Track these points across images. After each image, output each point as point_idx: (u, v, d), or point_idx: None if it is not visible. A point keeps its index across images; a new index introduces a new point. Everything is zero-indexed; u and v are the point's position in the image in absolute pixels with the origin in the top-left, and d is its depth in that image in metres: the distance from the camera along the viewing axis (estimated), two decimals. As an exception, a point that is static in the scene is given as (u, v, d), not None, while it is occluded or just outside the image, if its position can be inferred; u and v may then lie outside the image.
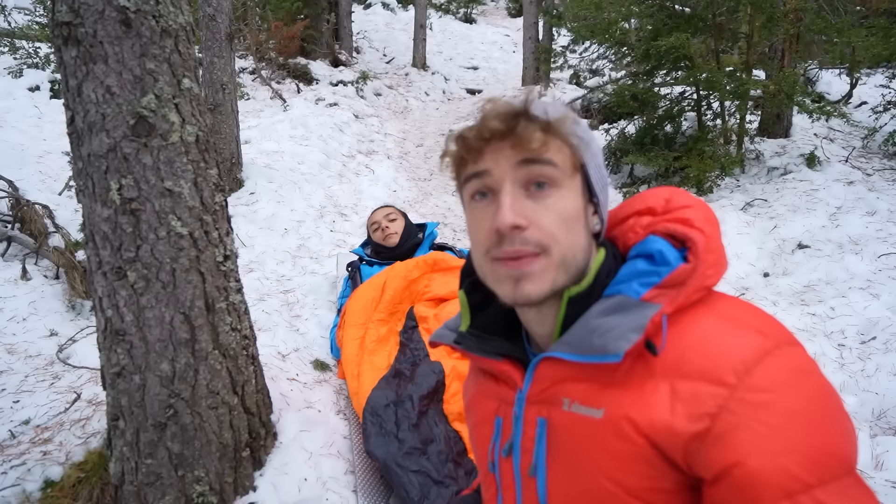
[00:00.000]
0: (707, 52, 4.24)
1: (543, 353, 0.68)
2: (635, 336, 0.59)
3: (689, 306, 0.63)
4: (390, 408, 1.75)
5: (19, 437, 1.70)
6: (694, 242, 0.63)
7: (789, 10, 3.92)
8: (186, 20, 1.35)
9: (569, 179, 0.66)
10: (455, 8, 15.79)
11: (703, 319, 0.62)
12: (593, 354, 0.61)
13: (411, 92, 9.54)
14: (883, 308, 2.41)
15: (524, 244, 0.63)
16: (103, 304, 1.35)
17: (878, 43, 3.85)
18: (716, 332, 0.60)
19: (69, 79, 1.25)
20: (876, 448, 1.83)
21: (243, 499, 1.55)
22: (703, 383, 0.57)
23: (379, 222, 2.69)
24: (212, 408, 1.47)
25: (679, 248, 0.65)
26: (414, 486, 1.52)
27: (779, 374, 0.56)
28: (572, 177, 0.66)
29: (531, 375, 0.70)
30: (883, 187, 3.45)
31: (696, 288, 0.62)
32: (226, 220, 1.50)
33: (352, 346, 2.07)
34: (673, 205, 0.69)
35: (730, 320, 0.61)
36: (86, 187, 1.30)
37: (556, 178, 0.64)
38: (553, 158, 0.64)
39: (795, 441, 0.53)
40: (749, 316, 0.62)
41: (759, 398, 0.54)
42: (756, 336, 0.59)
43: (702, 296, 0.64)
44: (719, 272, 0.65)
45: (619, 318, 0.61)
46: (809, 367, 0.59)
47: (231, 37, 4.00)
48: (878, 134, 4.18)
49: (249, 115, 6.57)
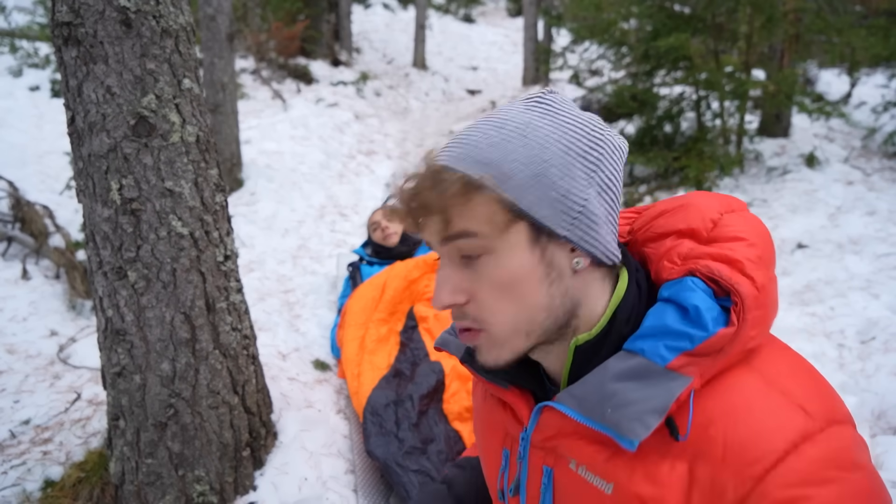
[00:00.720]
0: (706, 52, 4.24)
1: (546, 402, 0.59)
2: (654, 421, 0.49)
3: (724, 369, 0.52)
4: (390, 407, 1.75)
5: (19, 437, 1.70)
6: (741, 297, 0.51)
7: (789, 11, 3.92)
8: (187, 20, 1.35)
9: (500, 240, 0.52)
10: (455, 8, 15.80)
11: (737, 386, 0.51)
12: (605, 426, 0.52)
13: (411, 92, 9.55)
14: (883, 308, 2.41)
15: (464, 318, 0.56)
16: (104, 304, 1.35)
17: (878, 43, 3.85)
18: (749, 405, 0.49)
19: (69, 79, 1.25)
20: (876, 448, 1.84)
21: (244, 498, 1.55)
22: (726, 471, 0.47)
23: (378, 222, 2.69)
24: (212, 407, 1.47)
25: (721, 297, 0.53)
26: (414, 485, 1.52)
27: (814, 467, 0.46)
28: (506, 233, 0.52)
29: (535, 420, 0.61)
30: (882, 187, 3.45)
31: (735, 353, 0.51)
32: (226, 220, 1.50)
33: (352, 345, 2.07)
34: (721, 233, 0.56)
35: (769, 390, 0.50)
36: (86, 187, 1.30)
37: (481, 246, 0.53)
38: (470, 228, 0.52)
39: None
40: (795, 383, 0.51)
41: (787, 495, 0.45)
42: (798, 415, 0.48)
43: (741, 357, 0.52)
44: (767, 328, 0.54)
45: (639, 390, 0.51)
46: (855, 455, 0.48)
47: (231, 37, 4.00)
48: (878, 134, 4.18)
49: (249, 115, 6.58)
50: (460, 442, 1.69)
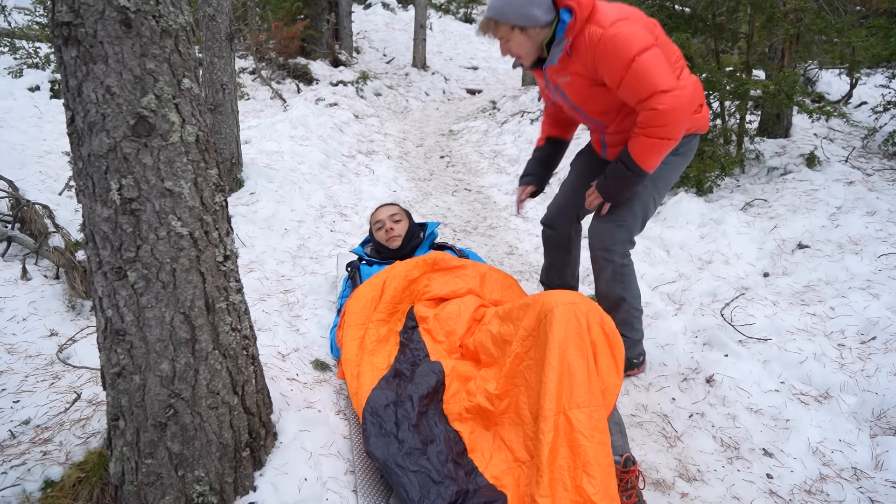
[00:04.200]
0: (707, 52, 4.24)
1: (545, 64, 2.01)
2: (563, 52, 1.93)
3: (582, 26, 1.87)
4: (390, 408, 1.75)
5: (19, 437, 1.70)
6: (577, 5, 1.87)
7: (789, 11, 3.92)
8: (186, 20, 1.35)
9: (511, 34, 2.07)
10: (455, 8, 15.79)
11: None
12: (558, 62, 1.97)
13: (411, 92, 9.54)
14: (883, 308, 2.41)
15: (508, 53, 2.09)
16: (103, 304, 1.35)
17: (878, 43, 3.85)
18: None
19: (69, 79, 1.25)
20: (876, 448, 1.84)
21: (243, 499, 1.55)
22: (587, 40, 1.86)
23: (383, 221, 2.68)
24: (212, 408, 1.47)
25: None
26: (414, 486, 1.52)
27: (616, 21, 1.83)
28: (511, 32, 2.07)
29: (545, 72, 2.05)
30: (883, 187, 3.45)
31: (580, 20, 1.84)
32: (226, 221, 1.50)
33: (351, 346, 2.07)
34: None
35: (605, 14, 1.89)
36: (86, 187, 1.30)
37: (507, 38, 2.10)
38: (501, 34, 2.02)
39: None
40: (614, 8, 1.88)
41: (607, 32, 1.81)
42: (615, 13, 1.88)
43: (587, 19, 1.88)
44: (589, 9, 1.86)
45: (560, 45, 1.90)
46: (632, 22, 1.87)
47: (231, 37, 4.00)
48: (878, 134, 4.18)
49: (249, 115, 6.57)
50: (460, 442, 1.68)
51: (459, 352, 2.01)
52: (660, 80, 1.77)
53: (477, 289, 2.27)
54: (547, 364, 1.53)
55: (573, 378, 1.50)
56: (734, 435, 1.98)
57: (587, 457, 1.40)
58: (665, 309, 2.75)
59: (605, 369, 1.59)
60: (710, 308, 2.73)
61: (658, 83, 1.77)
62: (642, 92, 1.78)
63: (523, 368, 1.66)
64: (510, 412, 1.66)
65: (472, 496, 1.51)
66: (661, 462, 1.89)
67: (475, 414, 1.73)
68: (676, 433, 2.03)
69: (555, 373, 1.51)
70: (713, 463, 1.88)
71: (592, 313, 1.63)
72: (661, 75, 1.77)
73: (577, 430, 1.43)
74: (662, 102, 1.77)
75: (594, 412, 1.47)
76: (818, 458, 1.85)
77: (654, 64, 1.77)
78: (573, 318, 1.59)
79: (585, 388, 1.49)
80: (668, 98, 1.77)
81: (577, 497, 1.37)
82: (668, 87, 1.78)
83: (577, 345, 1.55)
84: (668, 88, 1.78)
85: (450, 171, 5.87)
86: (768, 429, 1.99)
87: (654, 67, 1.77)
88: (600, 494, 1.36)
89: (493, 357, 1.83)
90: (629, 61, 1.76)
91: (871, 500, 1.68)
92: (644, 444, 1.98)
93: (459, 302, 2.16)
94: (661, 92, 1.77)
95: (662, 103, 1.77)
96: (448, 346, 2.02)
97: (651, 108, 1.79)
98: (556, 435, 1.45)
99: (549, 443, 1.44)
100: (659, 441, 2.00)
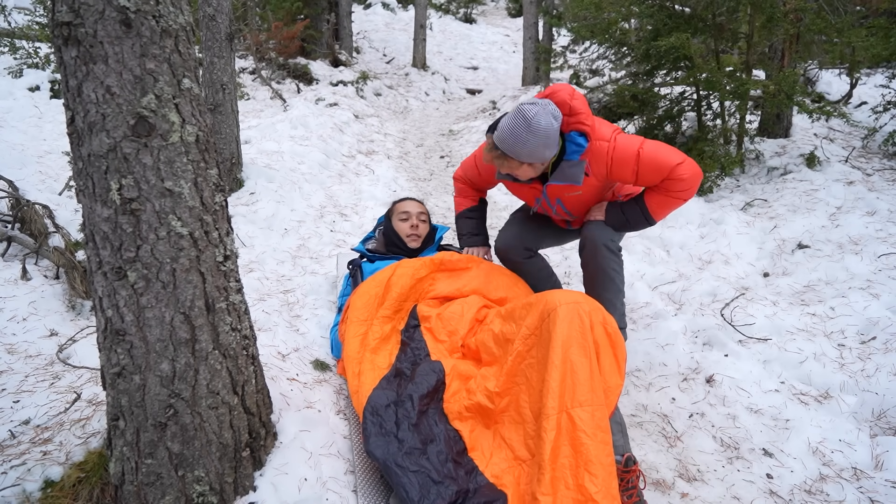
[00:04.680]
0: (707, 52, 4.24)
1: (548, 182, 2.12)
2: (582, 175, 2.07)
3: None
4: (390, 408, 1.75)
5: (19, 437, 1.70)
6: (590, 132, 2.02)
7: (789, 10, 3.92)
8: (186, 20, 1.35)
9: (519, 168, 2.12)
10: (455, 8, 15.78)
11: None
12: (570, 182, 2.08)
13: (411, 92, 9.54)
14: (883, 308, 2.41)
15: None
16: (103, 304, 1.35)
17: (878, 43, 3.85)
18: None
19: (69, 79, 1.25)
20: (876, 448, 1.84)
21: (243, 499, 1.55)
22: (603, 159, 2.08)
23: (411, 214, 2.66)
24: (212, 408, 1.47)
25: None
26: (414, 485, 1.52)
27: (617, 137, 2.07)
28: (522, 165, 2.09)
29: (545, 188, 2.18)
30: (883, 187, 3.45)
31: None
32: (226, 221, 1.50)
33: (353, 342, 2.06)
34: (575, 109, 2.01)
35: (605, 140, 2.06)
36: (86, 187, 1.30)
37: (515, 170, 2.17)
38: (513, 170, 2.12)
39: None
40: (606, 126, 2.09)
41: (614, 146, 2.03)
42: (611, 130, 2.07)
43: None
44: (599, 132, 2.04)
45: (574, 167, 2.03)
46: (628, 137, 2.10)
47: (231, 37, 4.00)
48: (878, 134, 4.18)
49: (249, 115, 6.58)
50: (460, 441, 1.68)
51: (461, 351, 2.01)
52: (670, 157, 1.99)
53: (482, 288, 2.27)
54: (550, 362, 1.54)
55: (576, 377, 1.50)
56: (734, 435, 1.98)
57: (589, 455, 1.40)
58: (665, 309, 2.75)
59: (607, 369, 1.59)
60: (710, 308, 2.73)
61: (671, 159, 1.99)
62: (663, 172, 2.00)
63: (525, 367, 1.66)
64: (510, 410, 1.66)
65: (472, 495, 1.51)
66: (661, 462, 1.89)
67: (475, 412, 1.73)
68: (676, 433, 2.03)
69: (558, 371, 1.51)
70: (713, 463, 1.88)
71: (595, 313, 1.63)
72: (667, 154, 2.00)
73: (580, 428, 1.43)
74: (685, 171, 1.99)
75: (597, 411, 1.47)
76: (818, 458, 1.85)
77: (656, 148, 2.01)
78: (576, 317, 1.59)
79: (588, 386, 1.49)
80: (685, 168, 1.99)
81: (579, 495, 1.37)
82: (681, 160, 2.00)
83: (580, 344, 1.55)
84: (681, 161, 2.00)
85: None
86: (768, 429, 1.99)
87: (658, 151, 2.01)
88: (602, 493, 1.36)
89: (494, 356, 1.83)
90: (637, 157, 2.00)
91: (871, 500, 1.68)
92: (644, 444, 1.98)
93: (463, 302, 2.16)
94: (678, 165, 1.99)
95: (686, 172, 1.99)
96: (450, 346, 2.02)
97: (677, 178, 2.00)
98: (558, 433, 1.45)
99: (551, 441, 1.44)
100: (659, 441, 2.00)
